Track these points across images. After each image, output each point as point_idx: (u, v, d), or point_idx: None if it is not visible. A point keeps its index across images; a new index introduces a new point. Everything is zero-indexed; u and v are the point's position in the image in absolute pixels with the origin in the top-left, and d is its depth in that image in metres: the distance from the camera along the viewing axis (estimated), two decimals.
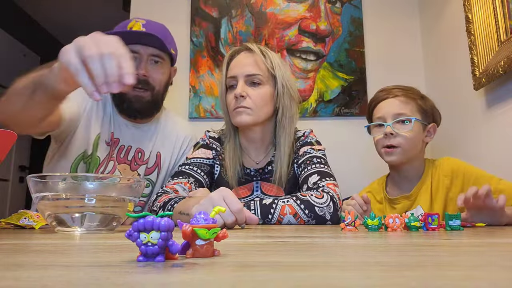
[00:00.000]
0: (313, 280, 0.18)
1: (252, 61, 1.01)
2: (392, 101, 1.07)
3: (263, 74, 1.00)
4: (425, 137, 1.08)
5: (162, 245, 0.24)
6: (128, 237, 0.24)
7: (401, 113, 1.05)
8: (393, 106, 1.06)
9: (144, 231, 0.24)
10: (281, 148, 1.02)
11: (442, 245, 0.39)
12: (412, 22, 1.79)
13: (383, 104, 1.09)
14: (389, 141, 1.04)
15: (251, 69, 1.00)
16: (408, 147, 1.04)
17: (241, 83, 0.99)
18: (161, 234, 0.24)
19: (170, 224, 0.24)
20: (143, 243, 0.24)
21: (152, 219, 0.24)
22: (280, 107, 1.02)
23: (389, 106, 1.07)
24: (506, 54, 1.13)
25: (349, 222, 0.61)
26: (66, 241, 0.42)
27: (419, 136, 1.06)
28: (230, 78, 1.01)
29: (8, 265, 0.24)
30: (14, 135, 0.53)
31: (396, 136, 1.04)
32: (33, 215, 0.67)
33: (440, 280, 0.18)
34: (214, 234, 0.26)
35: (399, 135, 1.04)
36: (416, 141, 1.05)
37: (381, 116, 1.08)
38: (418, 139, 1.06)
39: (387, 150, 1.06)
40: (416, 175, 1.09)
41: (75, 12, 3.44)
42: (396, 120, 1.04)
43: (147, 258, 0.24)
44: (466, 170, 1.02)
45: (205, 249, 0.26)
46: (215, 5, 1.79)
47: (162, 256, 0.24)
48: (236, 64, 1.02)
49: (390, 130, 1.04)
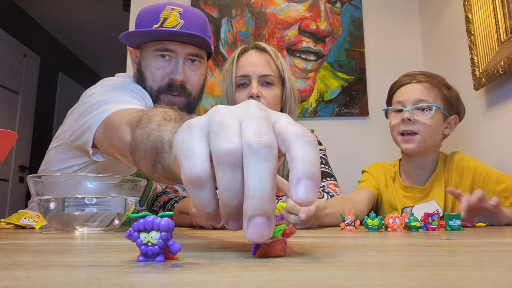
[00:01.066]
0: (313, 280, 0.18)
1: (265, 61, 1.01)
2: (415, 86, 1.03)
3: (274, 75, 1.01)
4: (444, 129, 1.04)
5: (162, 245, 0.24)
6: (128, 237, 0.24)
7: (422, 99, 1.00)
8: (416, 91, 1.02)
9: (144, 231, 0.24)
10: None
11: (442, 245, 0.39)
12: (412, 22, 1.79)
13: (405, 88, 1.05)
14: (407, 127, 1.00)
15: (265, 69, 1.00)
16: (426, 135, 0.99)
17: (255, 83, 0.98)
18: (161, 234, 0.24)
19: (170, 224, 0.24)
20: (143, 243, 0.24)
21: (152, 219, 0.24)
22: (286, 109, 1.03)
23: (411, 91, 1.03)
24: (506, 54, 1.13)
25: (349, 222, 0.61)
26: (66, 241, 0.42)
27: (439, 126, 1.02)
28: (241, 77, 1.00)
29: (8, 265, 0.24)
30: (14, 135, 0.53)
31: (414, 122, 0.99)
32: (33, 215, 0.67)
33: (440, 280, 0.18)
34: (279, 231, 0.26)
35: (418, 122, 0.99)
36: (436, 131, 1.01)
37: (401, 101, 1.03)
38: (437, 129, 1.02)
39: (404, 138, 1.01)
40: (430, 167, 1.06)
41: (75, 12, 3.45)
42: (416, 107, 1.00)
43: (147, 258, 0.24)
44: (477, 167, 1.01)
45: (273, 248, 0.26)
46: (215, 5, 1.79)
47: (162, 256, 0.24)
48: (248, 63, 1.00)
49: (409, 115, 0.99)
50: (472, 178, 1.00)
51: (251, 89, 0.97)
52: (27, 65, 3.40)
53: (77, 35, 3.87)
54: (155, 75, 0.89)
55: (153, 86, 0.89)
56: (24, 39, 3.35)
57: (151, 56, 0.89)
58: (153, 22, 0.87)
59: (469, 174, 1.01)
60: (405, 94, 1.03)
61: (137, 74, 0.93)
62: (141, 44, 0.91)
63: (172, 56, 0.89)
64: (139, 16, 0.91)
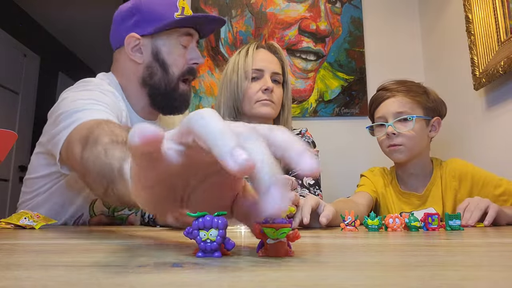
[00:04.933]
0: (313, 280, 0.18)
1: (277, 60, 1.08)
2: (392, 101, 1.07)
3: (282, 76, 1.09)
4: (429, 132, 1.07)
5: (220, 242, 0.26)
6: (187, 235, 0.26)
7: (401, 111, 1.04)
8: (393, 105, 1.06)
9: (203, 229, 0.26)
10: None
11: (442, 245, 0.39)
12: (412, 22, 1.79)
13: (384, 103, 1.08)
14: (392, 141, 1.04)
15: (277, 68, 1.07)
16: (411, 145, 1.03)
17: (268, 77, 1.04)
18: (219, 231, 0.26)
19: (226, 222, 0.26)
20: (202, 240, 0.26)
21: (210, 218, 0.26)
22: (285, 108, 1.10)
23: (389, 105, 1.06)
24: (506, 54, 1.13)
25: (349, 222, 0.61)
26: (66, 241, 0.42)
27: (422, 133, 1.05)
28: (256, 70, 1.04)
29: (8, 265, 0.24)
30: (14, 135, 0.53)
31: (398, 135, 1.03)
32: (33, 215, 0.67)
33: (440, 280, 0.18)
34: (283, 233, 0.27)
35: (401, 134, 1.03)
36: (420, 138, 1.04)
37: (381, 116, 1.08)
38: (422, 136, 1.05)
39: (391, 149, 1.05)
40: (422, 172, 1.08)
41: (75, 12, 3.44)
42: (397, 119, 1.04)
43: (205, 254, 0.26)
44: (475, 173, 1.02)
45: (276, 249, 0.27)
46: (215, 5, 1.79)
47: (219, 252, 0.26)
48: (262, 58, 1.06)
49: (392, 130, 1.03)
50: (470, 184, 1.02)
51: (266, 83, 1.02)
52: (27, 65, 3.40)
53: (77, 35, 3.87)
54: (178, 62, 0.90)
55: (175, 72, 0.90)
56: (24, 39, 3.35)
57: (174, 43, 0.90)
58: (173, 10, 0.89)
59: (467, 180, 1.03)
60: (384, 109, 1.08)
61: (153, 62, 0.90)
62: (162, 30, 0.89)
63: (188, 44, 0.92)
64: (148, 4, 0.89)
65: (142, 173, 0.27)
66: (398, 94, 1.06)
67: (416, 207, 1.06)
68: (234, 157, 0.22)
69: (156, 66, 0.90)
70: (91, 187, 0.48)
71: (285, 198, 0.23)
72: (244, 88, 1.04)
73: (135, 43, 0.90)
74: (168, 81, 0.90)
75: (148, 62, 0.91)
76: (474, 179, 1.01)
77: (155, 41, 0.90)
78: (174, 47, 0.90)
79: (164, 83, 0.91)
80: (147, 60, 0.91)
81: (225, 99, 1.06)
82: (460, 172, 1.04)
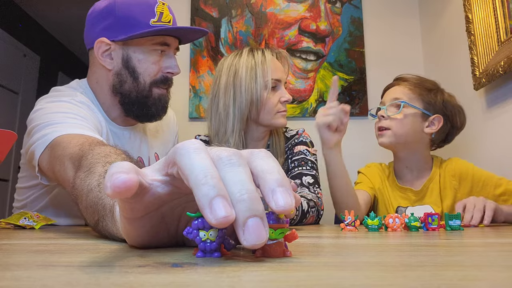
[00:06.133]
0: (313, 280, 0.18)
1: (287, 69, 1.09)
2: (395, 88, 1.09)
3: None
4: (425, 127, 1.06)
5: (220, 242, 0.26)
6: (187, 235, 0.26)
7: (397, 97, 1.06)
8: (395, 91, 1.09)
9: (203, 229, 0.26)
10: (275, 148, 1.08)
11: (442, 245, 0.39)
12: (412, 22, 1.79)
13: (388, 90, 1.12)
14: (381, 123, 1.07)
15: (286, 76, 1.09)
16: (397, 130, 1.04)
17: (283, 88, 1.04)
18: (219, 232, 0.26)
19: None
20: (202, 240, 0.26)
21: None
22: None
23: (391, 92, 1.10)
24: (506, 54, 1.13)
25: (349, 222, 0.61)
26: (66, 241, 0.42)
27: (414, 124, 1.05)
28: (275, 80, 1.02)
29: (7, 265, 0.24)
30: (14, 135, 0.53)
31: (387, 119, 1.06)
32: (33, 215, 0.67)
33: (440, 280, 0.18)
34: (281, 234, 0.27)
35: (390, 118, 1.05)
36: (410, 128, 1.04)
37: (382, 101, 1.11)
38: (412, 126, 1.04)
39: (379, 133, 1.08)
40: (417, 167, 1.09)
41: (75, 12, 3.44)
42: (390, 103, 1.06)
43: (205, 254, 0.26)
44: (475, 172, 1.03)
45: (274, 249, 0.27)
46: (215, 5, 1.79)
47: (218, 252, 0.26)
48: (277, 68, 1.05)
49: (383, 112, 1.06)
50: (470, 184, 1.02)
51: (284, 94, 1.03)
52: (27, 65, 3.40)
53: (77, 35, 3.87)
54: (151, 70, 0.86)
55: (147, 80, 0.86)
56: (24, 39, 3.35)
57: (147, 50, 0.85)
58: (150, 16, 0.84)
59: (468, 180, 1.03)
60: (386, 95, 1.11)
61: (123, 69, 0.85)
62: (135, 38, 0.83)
63: (165, 50, 0.88)
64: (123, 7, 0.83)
65: (128, 206, 0.27)
66: (404, 84, 1.08)
67: (412, 202, 1.07)
68: (213, 211, 0.22)
69: (125, 74, 0.85)
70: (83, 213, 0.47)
71: (262, 233, 0.22)
72: (263, 98, 1.01)
73: (106, 48, 0.85)
74: (138, 89, 0.86)
75: (117, 69, 0.86)
76: (474, 179, 1.01)
77: (126, 47, 0.85)
78: (147, 54, 0.85)
79: (135, 91, 0.86)
80: (117, 67, 0.86)
81: (239, 104, 1.00)
82: (461, 172, 1.04)
